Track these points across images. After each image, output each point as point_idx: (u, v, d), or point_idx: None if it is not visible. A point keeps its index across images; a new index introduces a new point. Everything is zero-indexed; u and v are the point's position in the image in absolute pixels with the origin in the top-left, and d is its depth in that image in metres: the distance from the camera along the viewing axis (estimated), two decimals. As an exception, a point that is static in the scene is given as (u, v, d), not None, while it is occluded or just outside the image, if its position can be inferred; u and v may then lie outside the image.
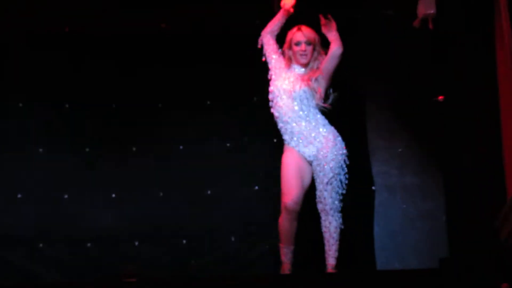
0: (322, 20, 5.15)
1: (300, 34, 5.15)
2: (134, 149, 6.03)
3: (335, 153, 5.11)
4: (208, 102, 6.04)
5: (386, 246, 5.78)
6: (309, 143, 5.10)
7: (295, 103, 5.09)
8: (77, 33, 5.97)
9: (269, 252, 5.70)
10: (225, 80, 5.92)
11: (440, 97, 5.59)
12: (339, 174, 5.11)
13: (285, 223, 5.08)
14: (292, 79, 5.15)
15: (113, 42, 6.05)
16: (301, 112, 5.09)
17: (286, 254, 5.14)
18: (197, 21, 5.94)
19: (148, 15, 5.88)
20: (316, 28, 5.22)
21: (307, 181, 5.15)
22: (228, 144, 5.91)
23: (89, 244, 5.88)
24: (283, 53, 5.23)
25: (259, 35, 5.36)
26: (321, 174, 5.08)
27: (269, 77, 5.23)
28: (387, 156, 5.89)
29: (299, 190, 5.08)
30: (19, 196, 5.91)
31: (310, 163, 5.14)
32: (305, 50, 5.13)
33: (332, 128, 5.16)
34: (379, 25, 5.86)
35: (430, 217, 5.78)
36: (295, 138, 5.11)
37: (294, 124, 5.09)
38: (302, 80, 5.13)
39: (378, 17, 5.82)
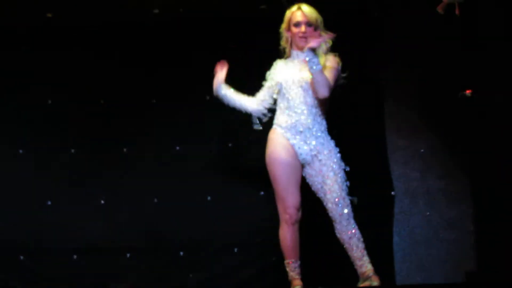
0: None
1: (300, 14, 4.88)
2: (125, 150, 5.84)
3: (338, 156, 4.84)
4: (208, 97, 5.67)
5: (407, 257, 5.68)
6: (307, 142, 4.81)
7: (308, 93, 4.82)
8: (61, 23, 5.82)
9: (276, 265, 5.40)
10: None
11: (468, 91, 5.36)
12: (344, 176, 4.85)
13: (290, 235, 4.82)
14: (299, 68, 4.88)
15: (100, 31, 5.90)
16: (312, 107, 4.82)
17: (294, 269, 4.86)
18: (195, 7, 5.70)
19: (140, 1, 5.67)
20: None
21: (300, 182, 4.88)
22: (230, 144, 5.70)
23: (75, 256, 5.70)
24: (280, 34, 4.97)
25: (264, 22, 5.21)
26: (331, 173, 4.76)
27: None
28: (408, 158, 5.75)
29: (298, 194, 4.81)
30: None
31: (300, 162, 4.86)
32: (305, 32, 4.84)
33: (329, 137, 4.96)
34: (398, 12, 5.69)
35: (455, 225, 5.70)
36: (296, 131, 4.81)
37: (303, 117, 4.81)
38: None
39: (399, 3, 5.65)
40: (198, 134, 5.77)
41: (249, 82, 5.55)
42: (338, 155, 4.82)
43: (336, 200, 4.72)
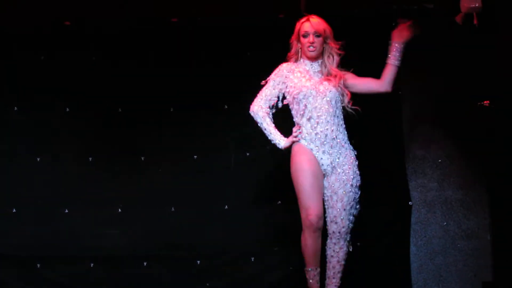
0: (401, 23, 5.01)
1: (308, 25, 4.92)
2: (142, 158, 5.79)
3: (356, 172, 4.90)
4: (226, 106, 5.76)
5: (424, 268, 5.68)
6: (330, 153, 4.85)
7: (332, 104, 4.88)
8: (80, 31, 5.78)
9: (293, 274, 5.50)
10: (245, 82, 5.53)
11: (486, 102, 5.47)
12: (357, 193, 4.89)
13: (311, 242, 4.81)
14: (316, 79, 4.93)
15: (118, 40, 5.84)
16: (334, 118, 4.87)
17: (314, 277, 4.86)
18: (215, 15, 5.74)
19: (160, 10, 5.69)
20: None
21: (323, 190, 4.91)
22: (248, 154, 5.59)
23: (92, 264, 5.68)
24: (290, 45, 5.03)
25: (283, 30, 5.15)
26: (340, 191, 4.83)
27: (286, 93, 4.98)
28: (426, 168, 5.75)
29: (321, 202, 4.84)
30: (13, 210, 5.71)
31: (323, 172, 4.90)
32: (313, 42, 4.90)
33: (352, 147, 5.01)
34: (418, 20, 5.48)
35: (473, 236, 5.70)
36: (320, 142, 4.84)
37: (327, 127, 4.85)
38: (329, 81, 4.92)
39: (416, 11, 5.59)
40: (216, 143, 5.72)
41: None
42: (357, 170, 4.84)
43: (334, 216, 4.80)
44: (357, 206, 4.87)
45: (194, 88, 5.76)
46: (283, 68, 4.95)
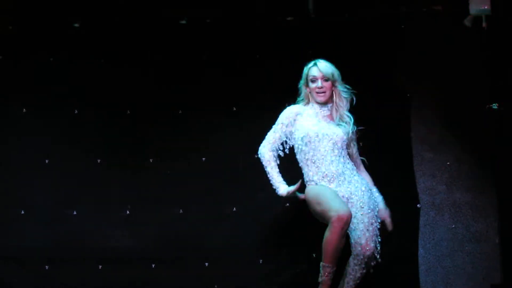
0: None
1: (316, 69, 4.91)
2: (151, 160, 5.81)
3: (371, 197, 4.88)
4: (235, 109, 5.79)
5: (432, 270, 5.68)
6: (343, 183, 4.84)
7: (337, 147, 4.86)
8: (89, 34, 5.82)
9: (301, 276, 5.53)
10: (254, 84, 5.67)
11: (495, 105, 5.41)
12: (377, 220, 4.86)
13: (336, 238, 4.64)
14: (324, 123, 4.91)
15: (125, 41, 5.87)
16: (340, 157, 4.85)
17: (329, 274, 4.75)
18: (223, 18, 5.76)
19: (169, 11, 5.72)
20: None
21: None
22: (256, 156, 5.48)
23: (100, 266, 5.69)
24: (299, 90, 5.01)
25: (292, 33, 5.29)
26: (358, 214, 4.79)
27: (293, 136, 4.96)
28: (434, 170, 5.73)
29: (348, 207, 4.77)
30: (22, 212, 5.73)
31: None
32: (321, 87, 4.88)
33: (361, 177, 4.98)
34: (426, 23, 5.70)
35: (481, 238, 5.69)
36: (328, 180, 4.84)
37: (332, 167, 4.84)
38: (339, 127, 4.90)
39: (425, 14, 5.65)
40: (224, 145, 5.74)
41: (272, 93, 5.65)
42: (373, 197, 4.84)
43: (358, 239, 4.75)
44: (379, 239, 4.81)
45: (203, 90, 5.80)
46: (292, 111, 4.93)
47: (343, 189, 4.80)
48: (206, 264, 5.65)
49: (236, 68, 5.73)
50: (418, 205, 5.59)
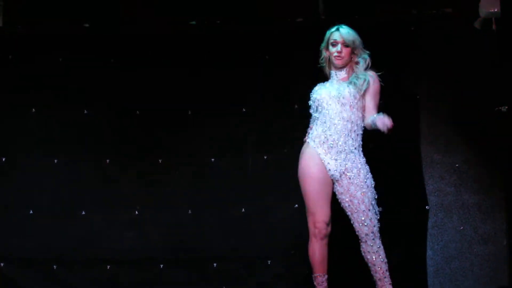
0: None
1: (338, 34, 4.92)
2: (160, 161, 5.83)
3: (367, 175, 4.84)
4: (244, 109, 5.81)
5: (440, 272, 5.64)
6: (336, 158, 4.83)
7: (346, 108, 4.85)
8: (98, 33, 5.82)
9: (310, 277, 5.27)
10: (263, 85, 5.70)
11: (504, 107, 5.44)
12: (374, 194, 4.85)
13: (318, 249, 4.83)
14: (337, 85, 4.91)
15: (135, 41, 5.88)
16: (348, 123, 4.83)
17: (321, 283, 4.89)
18: (232, 20, 5.77)
19: (177, 13, 5.73)
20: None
21: (330, 197, 4.89)
22: (265, 157, 5.68)
23: (108, 267, 5.71)
24: (320, 52, 5.01)
25: (301, 34, 5.32)
26: (358, 193, 4.80)
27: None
28: (443, 172, 5.71)
29: (328, 208, 4.84)
30: (30, 212, 5.74)
31: (330, 178, 4.89)
32: (340, 52, 4.90)
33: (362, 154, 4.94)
34: (436, 25, 5.69)
35: (490, 240, 5.64)
36: (328, 146, 4.83)
37: (337, 132, 4.81)
38: (350, 85, 4.88)
39: (435, 16, 5.66)
40: (233, 146, 5.77)
41: (282, 94, 5.69)
42: (369, 174, 4.82)
43: (362, 219, 4.76)
44: (379, 208, 4.82)
45: (212, 91, 5.81)
46: (314, 91, 4.93)
47: (339, 161, 4.78)
48: (215, 265, 5.67)
49: (246, 69, 5.75)
50: (426, 207, 5.59)
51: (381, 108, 5.13)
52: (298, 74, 5.37)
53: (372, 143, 5.06)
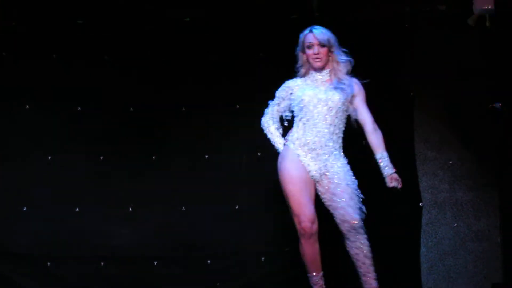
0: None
1: (312, 36, 4.90)
2: (153, 158, 5.85)
3: (349, 174, 4.85)
4: (238, 106, 5.82)
5: (434, 269, 5.69)
6: (316, 160, 4.84)
7: (331, 113, 4.84)
8: (92, 31, 5.83)
9: (304, 274, 5.27)
10: (257, 82, 5.66)
11: (497, 104, 5.38)
12: (358, 193, 4.84)
13: (308, 249, 4.84)
14: (322, 88, 4.90)
15: (129, 38, 5.88)
16: (331, 126, 4.83)
17: (317, 283, 4.90)
18: (225, 16, 5.77)
19: (171, 10, 5.76)
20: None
21: (314, 196, 4.90)
22: (259, 154, 5.61)
23: (102, 263, 5.72)
24: (296, 57, 5.01)
25: (295, 31, 5.13)
26: (337, 190, 4.80)
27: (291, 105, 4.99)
28: (437, 169, 5.76)
29: (312, 207, 4.83)
30: (24, 209, 5.75)
31: (311, 178, 4.89)
32: (318, 54, 4.88)
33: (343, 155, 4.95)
34: (429, 22, 5.70)
35: (483, 237, 5.68)
36: (308, 148, 4.84)
37: (319, 135, 4.81)
38: (336, 91, 4.86)
39: (429, 13, 5.67)
40: (227, 143, 5.78)
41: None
42: (349, 174, 4.81)
43: (343, 215, 4.74)
44: (363, 209, 4.80)
45: (206, 88, 5.81)
46: (289, 85, 4.96)
47: (319, 162, 4.79)
48: (208, 262, 5.67)
49: (240, 66, 5.76)
50: (420, 204, 5.61)
51: (375, 106, 5.16)
52: (292, 71, 5.21)
53: (365, 140, 5.00)
